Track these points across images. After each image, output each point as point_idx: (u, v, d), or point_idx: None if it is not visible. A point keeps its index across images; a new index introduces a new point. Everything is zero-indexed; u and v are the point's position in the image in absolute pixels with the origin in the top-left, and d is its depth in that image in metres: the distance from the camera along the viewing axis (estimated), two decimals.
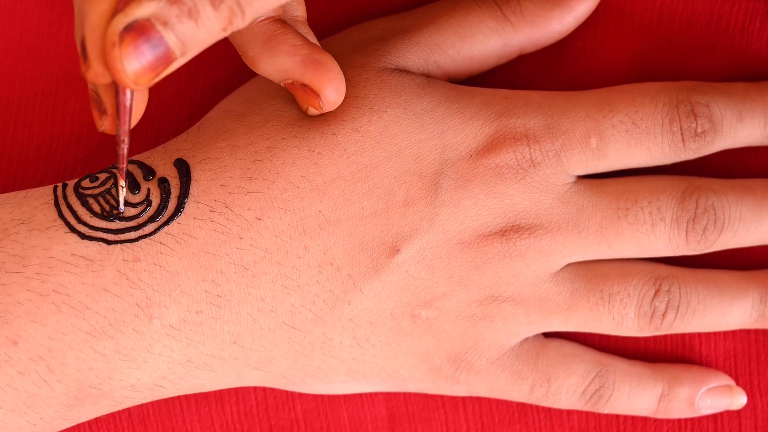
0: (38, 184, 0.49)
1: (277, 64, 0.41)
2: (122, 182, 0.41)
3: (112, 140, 0.49)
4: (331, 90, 0.42)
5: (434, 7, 0.46)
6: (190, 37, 0.34)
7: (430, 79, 0.45)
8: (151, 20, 0.34)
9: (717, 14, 0.47)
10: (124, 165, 0.41)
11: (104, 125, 0.40)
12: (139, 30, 0.34)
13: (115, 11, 0.35)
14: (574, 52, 0.48)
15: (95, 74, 0.36)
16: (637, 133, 0.44)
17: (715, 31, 0.47)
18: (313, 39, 0.43)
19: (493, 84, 0.48)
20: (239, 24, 0.35)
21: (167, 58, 0.34)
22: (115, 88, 0.37)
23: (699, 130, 0.44)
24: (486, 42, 0.46)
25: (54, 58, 0.48)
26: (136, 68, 0.34)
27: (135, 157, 0.44)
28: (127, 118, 0.38)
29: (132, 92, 0.37)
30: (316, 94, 0.42)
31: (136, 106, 0.39)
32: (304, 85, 0.41)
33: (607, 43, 0.48)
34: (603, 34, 0.48)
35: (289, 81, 0.42)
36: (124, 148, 0.40)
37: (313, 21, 0.48)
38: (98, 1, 0.35)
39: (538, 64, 0.48)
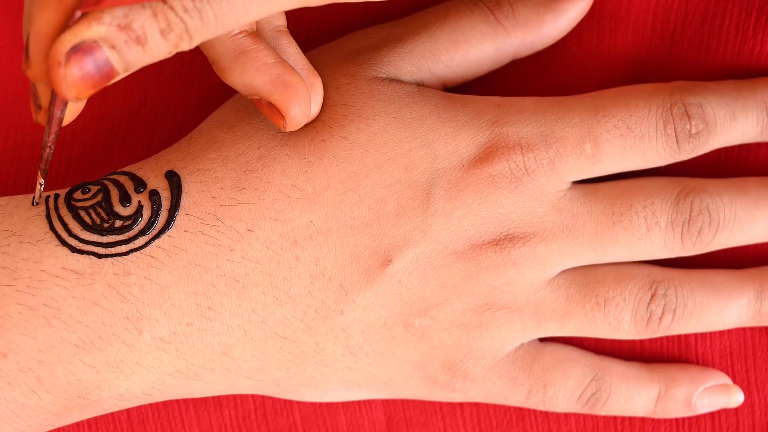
0: (31, 183, 0.49)
1: (247, 80, 0.41)
2: (42, 180, 0.42)
3: (106, 142, 0.49)
4: (297, 112, 0.42)
5: (427, 14, 0.46)
6: (135, 60, 0.35)
7: (421, 87, 0.45)
8: (99, 42, 0.34)
9: (711, 12, 0.47)
10: (46, 167, 0.41)
11: (39, 119, 0.40)
12: (86, 50, 0.34)
13: (64, 25, 0.35)
14: (569, 54, 0.48)
15: (34, 75, 0.36)
16: (632, 138, 0.44)
17: (710, 28, 0.47)
18: (296, 49, 0.43)
19: (487, 89, 0.47)
20: (185, 47, 0.35)
21: (109, 75, 0.35)
22: (51, 98, 0.38)
23: (693, 131, 0.44)
24: (479, 47, 0.45)
25: None
26: (79, 86, 0.35)
27: (126, 169, 0.43)
28: (55, 129, 0.39)
29: (66, 106, 0.38)
30: (281, 115, 0.42)
31: (69, 113, 0.40)
32: (271, 104, 0.41)
33: (602, 44, 0.47)
34: (598, 36, 0.47)
35: (257, 98, 0.41)
36: (49, 153, 0.40)
37: (306, 30, 0.48)
38: (46, 7, 0.35)
39: (532, 67, 0.48)
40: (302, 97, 0.41)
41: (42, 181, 0.42)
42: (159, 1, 0.34)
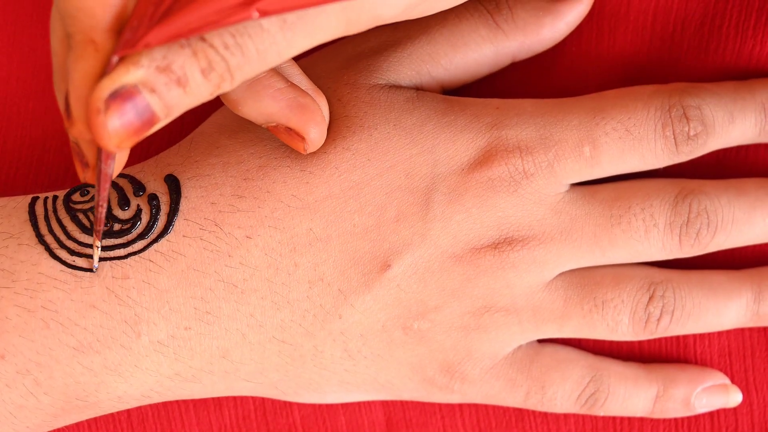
0: (30, 184, 0.49)
1: (262, 108, 0.40)
2: (98, 242, 0.41)
3: None
4: (316, 133, 0.41)
5: (426, 18, 0.45)
6: (176, 103, 0.34)
7: (420, 92, 0.45)
8: (138, 87, 0.33)
9: (711, 13, 0.47)
10: (101, 227, 0.40)
11: (87, 178, 0.39)
12: (125, 96, 0.33)
13: (103, 72, 0.34)
14: (568, 56, 0.48)
15: (80, 132, 0.35)
16: (631, 140, 0.44)
17: (709, 29, 0.47)
18: (298, 70, 0.42)
19: (487, 91, 0.47)
20: (227, 88, 0.34)
21: (151, 122, 0.33)
22: (98, 155, 0.37)
23: (691, 133, 0.44)
24: (478, 50, 0.45)
25: (47, 57, 0.48)
26: (120, 134, 0.33)
27: (126, 171, 0.43)
28: (107, 185, 0.38)
29: (114, 160, 0.37)
30: (301, 138, 0.41)
31: (117, 165, 0.38)
32: (289, 129, 0.41)
33: (601, 46, 0.47)
34: (597, 37, 0.47)
35: (273, 124, 0.41)
36: (103, 212, 0.40)
37: None
38: (83, 58, 0.34)
39: (531, 69, 0.48)
40: (319, 117, 0.41)
41: (99, 243, 0.41)
42: (198, 39, 0.33)
